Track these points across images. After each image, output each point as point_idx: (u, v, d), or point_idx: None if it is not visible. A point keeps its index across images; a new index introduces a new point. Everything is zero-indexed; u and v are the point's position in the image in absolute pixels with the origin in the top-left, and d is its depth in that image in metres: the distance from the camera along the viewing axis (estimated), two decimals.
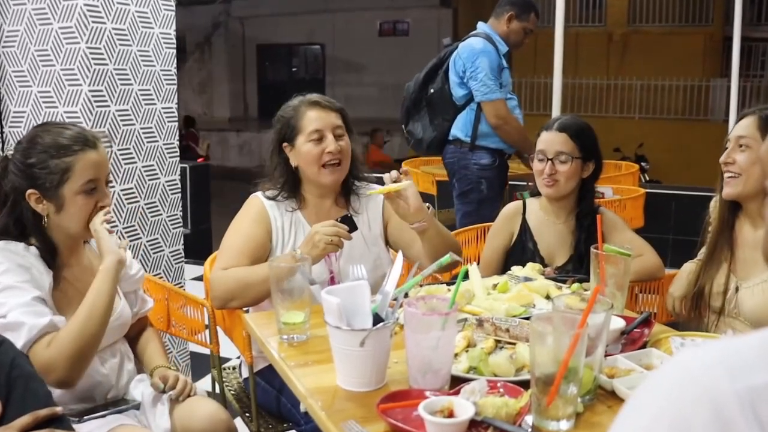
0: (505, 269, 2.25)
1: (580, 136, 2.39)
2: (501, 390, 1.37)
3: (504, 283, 1.95)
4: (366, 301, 1.52)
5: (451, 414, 1.24)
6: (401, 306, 1.48)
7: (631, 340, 1.70)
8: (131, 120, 3.14)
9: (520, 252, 2.49)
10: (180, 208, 3.47)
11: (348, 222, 2.05)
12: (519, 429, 1.25)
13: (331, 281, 2.21)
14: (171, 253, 3.42)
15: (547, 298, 1.89)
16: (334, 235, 2.00)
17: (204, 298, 2.36)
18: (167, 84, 3.34)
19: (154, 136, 3.28)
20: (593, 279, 1.91)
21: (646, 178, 11.15)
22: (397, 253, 1.79)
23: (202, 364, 3.46)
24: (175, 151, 3.42)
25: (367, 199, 2.36)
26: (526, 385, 1.35)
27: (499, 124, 3.87)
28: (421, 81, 4.13)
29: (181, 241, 3.49)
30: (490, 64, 3.84)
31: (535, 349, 1.27)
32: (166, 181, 3.37)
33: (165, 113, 3.34)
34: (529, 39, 4.12)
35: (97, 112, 2.97)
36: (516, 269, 2.09)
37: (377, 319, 1.49)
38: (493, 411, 1.25)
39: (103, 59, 2.98)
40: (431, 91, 4.08)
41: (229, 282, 2.08)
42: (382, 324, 1.44)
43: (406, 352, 1.42)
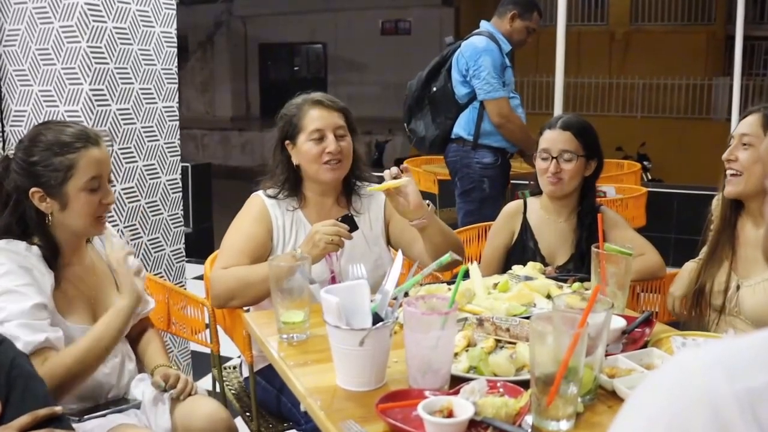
0: (506, 268, 2.24)
1: (584, 135, 2.38)
2: (501, 390, 1.37)
3: (505, 283, 1.94)
4: (365, 300, 1.52)
5: (450, 414, 1.24)
6: (401, 305, 1.48)
7: (632, 339, 1.69)
8: (132, 119, 3.14)
9: (521, 251, 2.48)
10: (181, 207, 3.47)
11: (349, 221, 2.05)
12: (519, 429, 1.24)
13: (332, 281, 2.20)
14: (172, 252, 3.42)
15: (547, 297, 1.88)
16: (335, 234, 2.00)
17: (205, 297, 2.36)
18: (168, 83, 3.33)
19: (155, 135, 3.28)
20: (594, 278, 1.90)
21: (649, 177, 11.14)
22: (397, 253, 1.79)
23: (203, 363, 3.45)
24: (176, 150, 3.42)
25: (369, 199, 2.35)
26: (526, 384, 1.34)
27: (502, 123, 3.87)
28: (424, 79, 4.13)
29: (182, 241, 3.49)
30: (493, 62, 3.83)
31: (535, 349, 1.26)
32: (167, 180, 3.37)
33: (166, 112, 3.33)
34: (531, 38, 4.11)
35: (98, 111, 2.96)
36: (517, 268, 2.09)
37: (377, 319, 1.48)
38: (493, 411, 1.24)
39: (104, 58, 2.98)
40: (434, 89, 4.08)
41: (230, 281, 2.08)
42: (381, 323, 1.44)
43: (406, 351, 1.41)
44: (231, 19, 21.47)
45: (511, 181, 4.26)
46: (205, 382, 3.41)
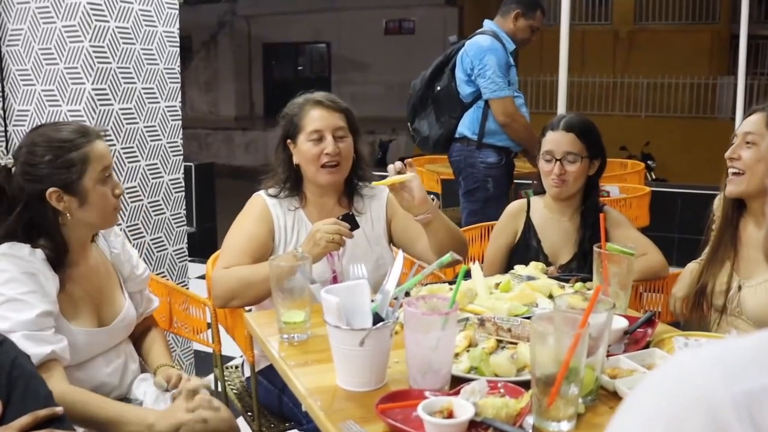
0: (509, 267, 2.23)
1: (587, 135, 2.37)
2: (501, 390, 1.36)
3: (506, 282, 1.93)
4: (366, 300, 1.52)
5: (450, 414, 1.23)
6: (401, 305, 1.47)
7: (634, 340, 1.69)
8: (134, 118, 3.14)
9: (524, 250, 2.47)
10: (183, 207, 3.47)
11: (349, 220, 2.04)
12: (519, 430, 1.24)
13: (334, 280, 2.20)
14: (175, 251, 3.42)
15: (549, 297, 1.87)
16: (336, 233, 1.99)
17: (207, 297, 2.36)
18: (171, 82, 3.33)
19: (158, 135, 3.28)
20: (596, 278, 1.90)
21: (653, 177, 11.11)
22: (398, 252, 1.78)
23: (205, 362, 3.45)
24: (179, 150, 3.42)
25: (371, 199, 2.34)
26: (527, 385, 1.33)
27: (507, 122, 3.86)
28: (428, 78, 4.12)
29: (185, 240, 3.49)
30: (498, 61, 3.83)
31: (536, 349, 1.26)
32: (170, 180, 3.37)
33: (168, 112, 3.33)
34: (535, 37, 4.10)
35: (100, 110, 2.97)
36: (519, 268, 2.08)
37: (377, 319, 1.48)
38: (493, 411, 1.24)
39: (107, 58, 2.98)
40: (438, 88, 4.07)
41: (231, 281, 2.08)
42: (381, 323, 1.43)
43: (406, 351, 1.41)
44: (235, 19, 21.49)
45: (514, 180, 4.26)
46: (208, 382, 3.41)
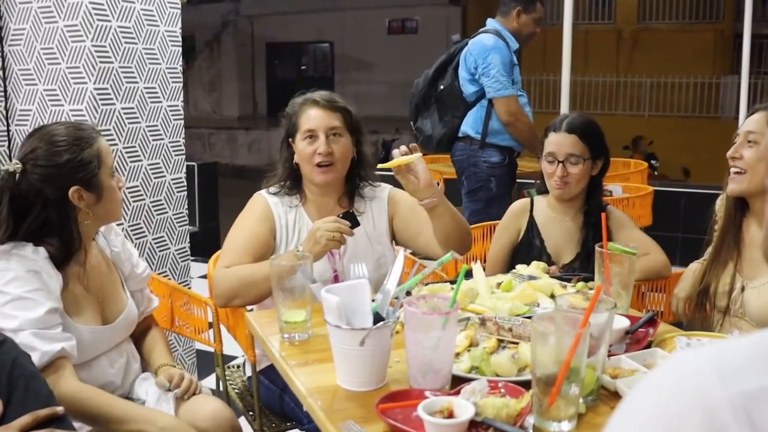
0: (512, 267, 2.23)
1: (589, 136, 2.36)
2: (502, 390, 1.36)
3: (508, 282, 1.93)
4: (366, 299, 1.51)
5: (450, 414, 1.23)
6: (402, 305, 1.47)
7: (635, 339, 1.68)
8: (137, 118, 3.14)
9: (527, 249, 2.47)
10: (185, 206, 3.47)
11: (350, 218, 2.04)
12: (519, 430, 1.23)
13: (335, 279, 2.20)
14: (177, 251, 3.42)
15: (551, 297, 1.87)
16: (336, 230, 1.99)
17: (210, 296, 2.36)
18: (173, 82, 3.33)
19: (160, 134, 3.28)
20: (598, 278, 1.89)
21: (656, 176, 11.09)
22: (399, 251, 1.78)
23: (207, 362, 3.45)
24: (181, 149, 3.42)
25: (372, 199, 2.34)
26: (527, 385, 1.33)
27: (510, 121, 3.85)
28: (430, 78, 4.11)
29: (187, 239, 3.49)
30: (502, 60, 3.81)
31: (537, 349, 1.25)
32: (172, 179, 3.37)
33: (171, 111, 3.33)
34: (540, 27, 4.08)
35: (102, 110, 2.97)
36: (520, 267, 2.07)
37: (378, 318, 1.47)
38: (494, 411, 1.23)
39: (109, 57, 2.98)
40: (441, 87, 4.06)
41: (232, 280, 2.08)
42: (382, 323, 1.43)
43: (406, 351, 1.40)
44: (238, 19, 21.52)
45: (517, 180, 4.25)
46: (210, 381, 3.41)
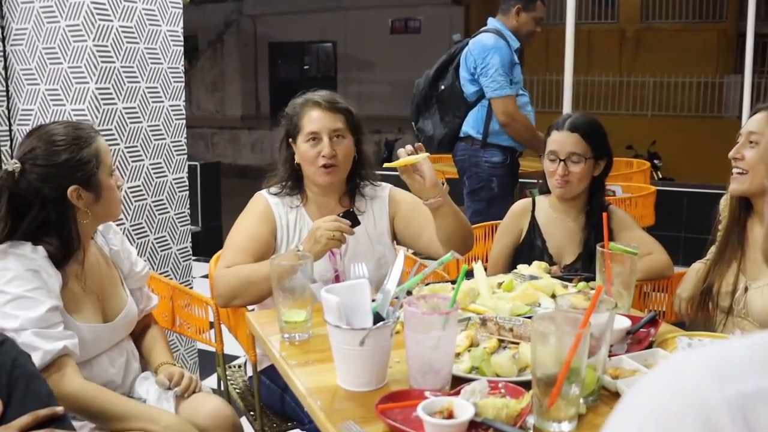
0: (513, 267, 2.22)
1: (592, 135, 2.35)
2: (502, 391, 1.35)
3: (509, 282, 1.92)
4: (366, 299, 1.51)
5: (450, 415, 1.23)
6: (402, 305, 1.47)
7: (636, 340, 1.68)
8: (138, 117, 3.14)
9: (529, 250, 2.46)
10: (187, 206, 3.46)
11: (350, 217, 2.03)
12: (519, 431, 1.23)
13: (336, 279, 2.20)
14: (179, 250, 3.42)
15: (552, 297, 1.86)
16: (337, 229, 1.99)
17: (211, 296, 2.36)
18: (175, 81, 3.33)
19: (162, 134, 3.28)
20: (599, 278, 1.89)
21: (660, 176, 11.08)
22: (400, 251, 1.77)
23: (209, 361, 3.45)
24: (183, 149, 3.42)
25: (373, 198, 2.34)
26: (528, 385, 1.32)
27: (507, 122, 3.84)
28: (431, 78, 4.10)
29: (189, 239, 3.49)
30: (501, 60, 3.80)
31: (537, 349, 1.25)
32: (174, 179, 3.36)
33: (172, 111, 3.33)
34: (541, 28, 4.07)
35: (104, 109, 2.97)
36: (522, 267, 2.06)
37: (378, 318, 1.47)
38: (494, 412, 1.23)
39: (110, 57, 2.98)
40: (442, 87, 4.05)
41: (232, 280, 2.08)
42: (382, 323, 1.42)
43: (406, 351, 1.40)
44: (241, 18, 21.52)
45: (519, 179, 4.24)
46: (212, 381, 3.42)
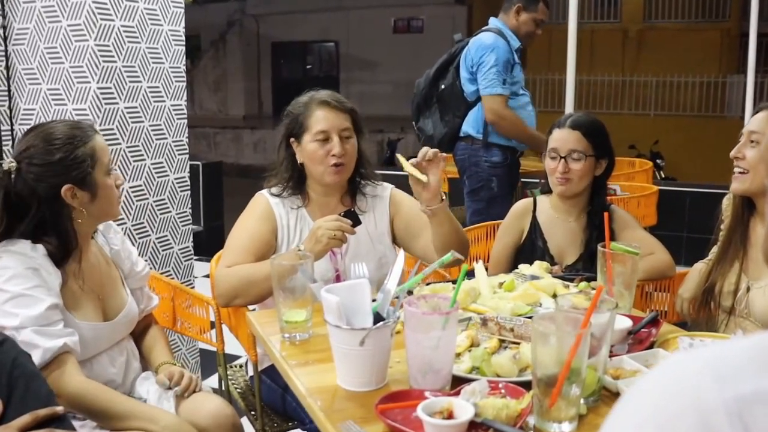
0: (515, 267, 2.22)
1: (593, 134, 2.36)
2: (502, 391, 1.35)
3: (510, 282, 1.92)
4: (366, 299, 1.50)
5: (450, 415, 1.22)
6: (402, 305, 1.46)
7: (638, 340, 1.67)
8: (140, 117, 3.14)
9: (530, 250, 2.46)
10: (189, 206, 3.46)
11: (351, 216, 2.03)
12: (519, 431, 1.22)
13: (337, 279, 2.19)
14: (180, 250, 3.42)
15: (554, 297, 1.86)
16: (338, 229, 1.98)
17: (212, 296, 2.36)
18: (176, 81, 3.33)
19: (163, 134, 3.28)
20: (600, 278, 1.88)
21: (662, 176, 11.06)
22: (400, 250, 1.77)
23: (211, 361, 3.45)
24: (185, 149, 3.42)
25: (374, 198, 2.34)
26: (528, 385, 1.32)
27: (494, 120, 3.80)
28: (432, 77, 4.09)
29: (191, 239, 3.49)
30: (498, 59, 3.78)
31: (537, 349, 1.24)
32: (175, 179, 3.36)
33: (174, 110, 3.33)
34: (541, 30, 4.05)
35: (105, 109, 2.97)
36: (523, 267, 2.06)
37: (378, 318, 1.47)
38: (494, 412, 1.23)
39: (112, 56, 2.98)
40: (442, 87, 4.04)
41: (233, 280, 2.07)
42: (382, 323, 1.42)
43: (407, 351, 1.40)
44: (244, 18, 21.53)
45: (520, 179, 4.23)
46: (213, 381, 3.42)
